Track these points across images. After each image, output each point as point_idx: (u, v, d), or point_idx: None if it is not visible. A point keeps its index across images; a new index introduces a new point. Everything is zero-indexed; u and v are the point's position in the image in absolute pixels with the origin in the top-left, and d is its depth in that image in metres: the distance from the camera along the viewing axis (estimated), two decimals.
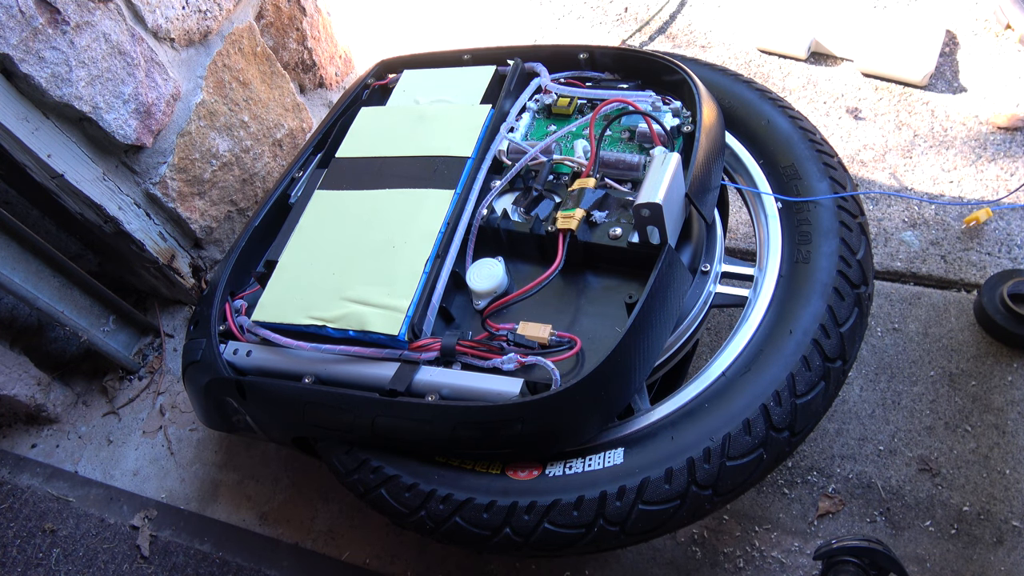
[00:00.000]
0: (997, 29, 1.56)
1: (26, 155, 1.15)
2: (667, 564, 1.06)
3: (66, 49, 1.11)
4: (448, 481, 0.87)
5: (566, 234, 0.93)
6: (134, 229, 1.33)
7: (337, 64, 1.76)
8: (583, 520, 0.81)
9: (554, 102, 1.15)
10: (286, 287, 1.01)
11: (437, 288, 0.95)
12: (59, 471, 1.37)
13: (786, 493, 1.09)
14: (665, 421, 0.88)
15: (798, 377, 0.86)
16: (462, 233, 0.99)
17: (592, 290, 0.95)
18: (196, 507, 1.26)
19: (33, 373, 1.37)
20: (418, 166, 1.08)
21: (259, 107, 1.49)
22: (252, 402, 0.97)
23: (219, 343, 1.02)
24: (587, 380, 0.82)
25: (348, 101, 1.27)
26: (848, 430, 1.12)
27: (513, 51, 1.22)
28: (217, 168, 1.42)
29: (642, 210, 0.85)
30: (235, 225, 1.52)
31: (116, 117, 1.21)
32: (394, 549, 1.15)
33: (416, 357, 0.91)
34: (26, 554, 1.26)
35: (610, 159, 1.03)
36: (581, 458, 0.86)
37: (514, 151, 1.08)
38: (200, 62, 1.36)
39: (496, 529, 0.83)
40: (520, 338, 0.89)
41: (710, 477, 0.81)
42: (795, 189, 1.03)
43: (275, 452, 1.29)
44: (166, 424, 1.38)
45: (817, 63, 1.60)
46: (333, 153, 1.17)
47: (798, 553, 1.03)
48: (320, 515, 1.21)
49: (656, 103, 1.08)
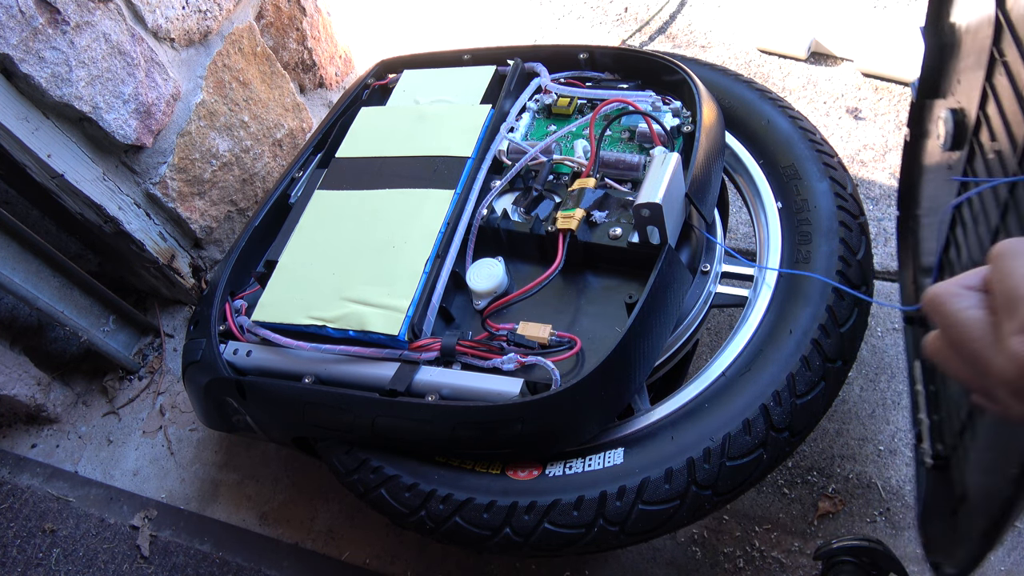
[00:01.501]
0: None
1: (26, 155, 1.15)
2: (667, 564, 1.06)
3: (66, 49, 1.11)
4: (448, 481, 0.87)
5: (566, 234, 0.93)
6: (134, 229, 1.33)
7: (337, 64, 1.76)
8: (583, 520, 0.81)
9: (554, 102, 1.15)
10: (286, 287, 1.01)
11: (437, 288, 0.95)
12: (59, 471, 1.37)
13: (786, 493, 1.09)
14: (665, 421, 0.88)
15: (798, 377, 0.86)
16: (462, 233, 0.99)
17: (592, 290, 0.95)
18: (196, 507, 1.26)
19: (33, 373, 1.37)
20: (418, 166, 1.08)
21: (259, 107, 1.49)
22: (252, 402, 0.97)
23: (219, 343, 1.02)
24: (587, 380, 0.82)
25: (348, 101, 1.27)
26: (848, 430, 1.12)
27: (513, 51, 1.22)
28: (217, 168, 1.42)
29: (642, 210, 0.85)
30: (235, 225, 1.52)
31: (116, 117, 1.21)
32: (394, 549, 1.15)
33: (416, 357, 0.91)
34: (26, 554, 1.26)
35: (610, 159, 1.03)
36: (581, 458, 0.87)
37: (514, 151, 1.08)
38: (200, 62, 1.36)
39: (496, 529, 0.83)
40: (520, 338, 0.89)
41: (710, 477, 0.81)
42: (795, 189, 1.03)
43: (275, 452, 1.29)
44: (166, 424, 1.38)
45: (817, 63, 1.60)
46: (333, 153, 1.17)
47: (798, 553, 1.03)
48: (320, 515, 1.21)
49: (656, 103, 1.08)
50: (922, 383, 0.84)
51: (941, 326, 0.44)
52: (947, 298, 0.44)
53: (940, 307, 0.44)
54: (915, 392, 0.84)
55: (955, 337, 0.43)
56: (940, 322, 0.44)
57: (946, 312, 0.44)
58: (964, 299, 0.43)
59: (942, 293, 0.44)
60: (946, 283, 0.45)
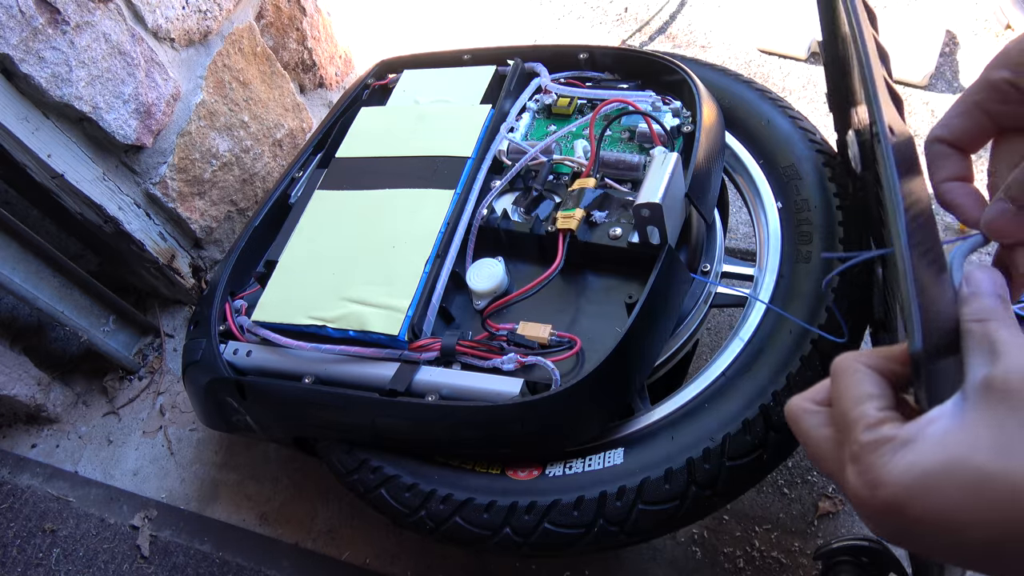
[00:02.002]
0: (997, 29, 1.56)
1: (26, 155, 1.15)
2: (667, 564, 1.06)
3: (66, 49, 1.11)
4: (448, 481, 0.87)
5: (566, 234, 0.93)
6: (134, 229, 1.33)
7: (337, 64, 1.76)
8: (583, 520, 0.81)
9: (554, 102, 1.15)
10: (286, 287, 1.01)
11: (437, 288, 0.95)
12: (59, 471, 1.37)
13: (786, 493, 1.09)
14: (665, 421, 0.88)
15: (798, 377, 0.86)
16: (462, 233, 0.99)
17: (592, 290, 0.95)
18: (196, 507, 1.26)
19: (33, 373, 1.37)
20: (418, 166, 1.08)
21: (259, 107, 1.49)
22: (252, 402, 0.97)
23: (219, 343, 1.02)
24: (587, 380, 0.82)
25: (348, 101, 1.27)
26: None
27: (513, 51, 1.22)
28: (217, 168, 1.42)
29: (642, 210, 0.85)
30: (235, 225, 1.52)
31: (116, 117, 1.21)
32: (394, 549, 1.15)
33: (416, 357, 0.91)
34: (26, 554, 1.26)
35: (610, 159, 1.03)
36: (581, 458, 0.87)
37: (514, 151, 1.08)
38: (200, 62, 1.36)
39: (496, 529, 0.83)
40: (520, 338, 0.89)
41: (710, 477, 0.81)
42: (795, 189, 1.03)
43: (275, 452, 1.29)
44: (166, 424, 1.38)
45: (817, 63, 1.60)
46: (333, 153, 1.17)
47: (798, 553, 1.03)
48: (320, 515, 1.21)
49: (656, 103, 1.08)
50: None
51: (800, 441, 0.45)
52: (798, 414, 0.44)
53: (793, 424, 0.45)
54: None
55: (809, 454, 0.44)
56: (799, 438, 0.45)
57: (798, 430, 0.44)
58: (812, 417, 0.44)
59: (795, 409, 0.45)
60: (798, 398, 0.45)
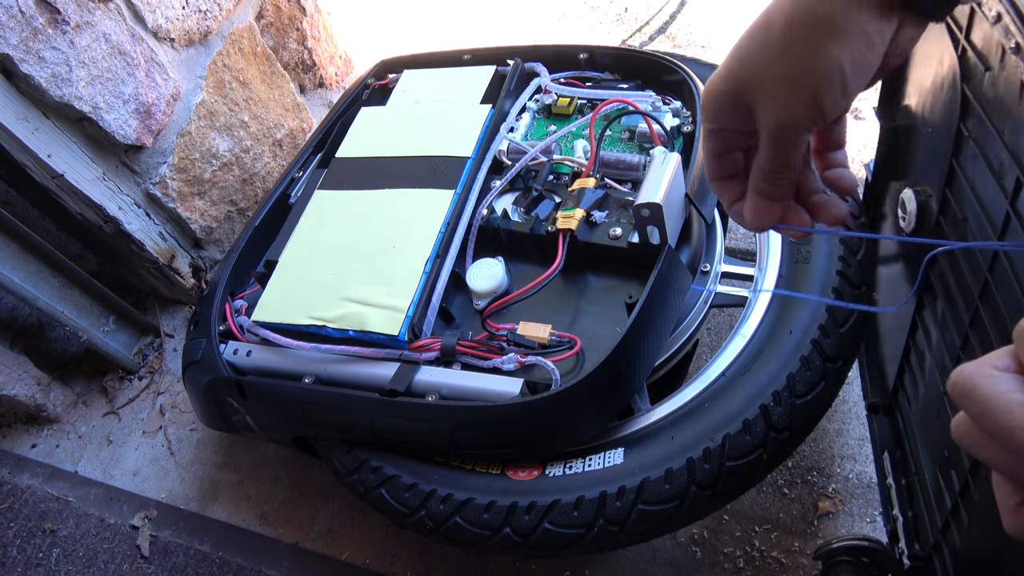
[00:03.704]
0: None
1: (26, 155, 1.15)
2: (667, 564, 1.06)
3: (66, 49, 1.11)
4: (448, 481, 0.87)
5: (566, 234, 0.93)
6: (134, 229, 1.33)
7: (337, 64, 1.76)
8: (583, 520, 0.81)
9: (554, 102, 1.15)
10: (286, 287, 1.01)
11: (437, 288, 0.95)
12: (59, 471, 1.37)
13: (786, 493, 1.09)
14: (665, 421, 0.88)
15: (798, 377, 0.86)
16: (462, 233, 0.99)
17: (592, 290, 0.95)
18: (196, 507, 1.26)
19: (33, 373, 1.37)
20: (418, 166, 1.08)
21: (259, 107, 1.49)
22: (252, 402, 0.97)
23: (219, 343, 1.02)
24: (587, 380, 0.82)
25: (348, 101, 1.27)
26: (848, 430, 1.12)
27: (513, 51, 1.22)
28: (217, 168, 1.42)
29: (642, 210, 0.85)
30: (235, 225, 1.52)
31: (116, 117, 1.21)
32: (394, 549, 1.15)
33: (416, 357, 0.91)
34: (26, 554, 1.26)
35: (610, 159, 1.03)
36: (581, 458, 0.87)
37: (514, 151, 1.08)
38: (200, 62, 1.36)
39: (496, 529, 0.83)
40: (520, 338, 0.89)
41: (710, 477, 0.81)
42: None
43: (275, 452, 1.29)
44: (166, 424, 1.38)
45: None
46: (333, 153, 1.17)
47: (798, 553, 1.03)
48: (320, 515, 1.21)
49: (656, 103, 1.08)
50: (892, 476, 0.80)
51: (975, 412, 0.39)
52: (981, 380, 0.39)
53: (973, 391, 0.39)
54: (886, 487, 0.80)
55: (995, 424, 0.38)
56: (974, 408, 0.39)
57: (982, 397, 0.39)
58: (1001, 382, 0.38)
59: (975, 375, 0.39)
60: (974, 364, 0.40)
